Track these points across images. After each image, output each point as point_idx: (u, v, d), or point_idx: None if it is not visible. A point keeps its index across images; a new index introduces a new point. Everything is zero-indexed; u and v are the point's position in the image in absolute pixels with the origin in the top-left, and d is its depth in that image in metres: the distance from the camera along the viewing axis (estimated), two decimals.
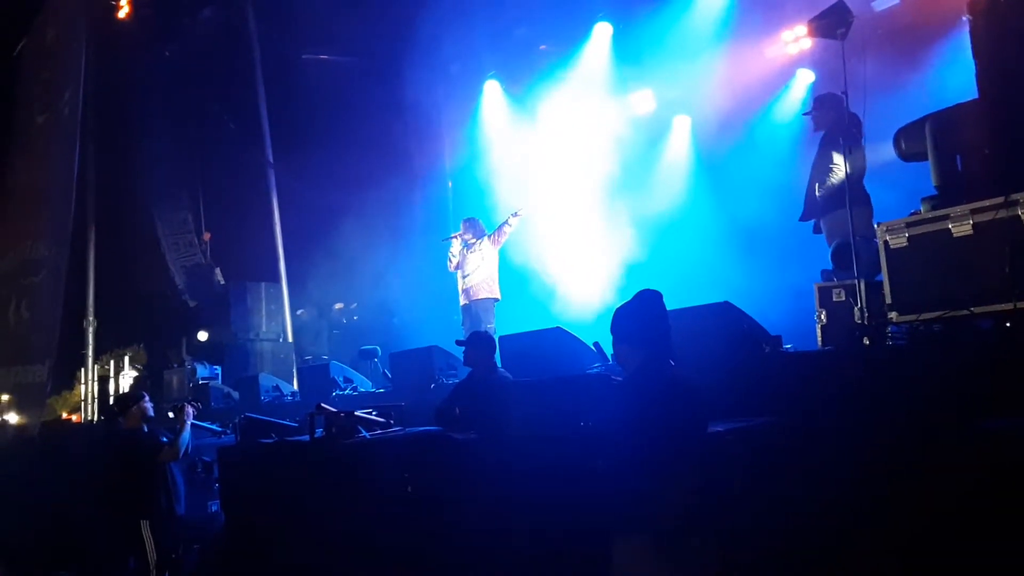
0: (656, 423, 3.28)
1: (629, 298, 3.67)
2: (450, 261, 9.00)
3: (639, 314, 3.60)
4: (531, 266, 10.59)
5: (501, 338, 6.79)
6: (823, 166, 6.45)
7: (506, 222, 8.82)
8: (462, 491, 4.63)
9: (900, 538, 3.47)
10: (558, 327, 6.53)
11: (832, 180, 6.31)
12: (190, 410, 6.75)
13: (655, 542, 3.23)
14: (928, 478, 3.45)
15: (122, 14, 12.71)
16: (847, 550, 3.56)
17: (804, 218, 6.76)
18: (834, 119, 6.29)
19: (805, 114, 6.84)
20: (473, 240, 8.91)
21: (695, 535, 3.29)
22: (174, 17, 13.10)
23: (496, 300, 8.81)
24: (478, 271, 8.76)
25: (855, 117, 5.97)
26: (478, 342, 6.04)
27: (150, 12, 12.89)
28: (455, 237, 9.00)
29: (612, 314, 3.66)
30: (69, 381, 12.39)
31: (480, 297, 8.72)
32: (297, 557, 5.72)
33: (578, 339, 6.23)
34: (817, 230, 6.77)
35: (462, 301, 8.90)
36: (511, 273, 10.62)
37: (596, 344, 5.74)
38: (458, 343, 6.34)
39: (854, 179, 5.97)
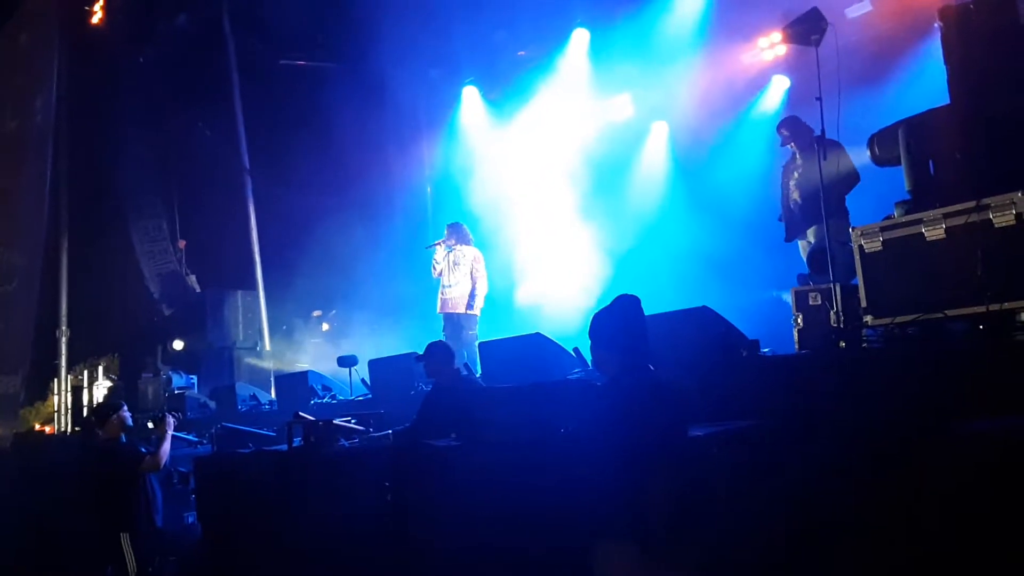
0: (638, 426, 3.29)
1: (608, 303, 3.68)
2: (434, 268, 8.92)
3: (618, 319, 3.60)
4: (510, 271, 10.59)
5: (481, 344, 6.78)
6: (807, 180, 6.55)
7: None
8: (443, 499, 4.60)
9: (878, 539, 3.49)
10: (538, 333, 6.53)
11: (816, 191, 6.40)
12: (171, 420, 6.66)
13: (639, 546, 3.23)
14: (904, 480, 3.48)
15: (96, 19, 12.58)
16: (826, 552, 3.58)
17: (789, 232, 6.89)
18: (807, 134, 6.43)
19: (782, 146, 7.00)
20: (456, 246, 8.84)
21: (677, 538, 3.30)
22: (149, 23, 12.95)
23: (475, 316, 8.75)
24: (459, 285, 8.71)
25: (810, 128, 6.10)
26: (435, 353, 5.89)
27: (124, 17, 12.75)
28: (439, 244, 8.94)
29: (590, 319, 3.66)
30: (42, 392, 12.19)
31: (459, 311, 8.67)
32: (275, 569, 5.66)
33: (558, 344, 6.23)
34: (790, 238, 6.88)
35: (442, 309, 8.83)
36: (490, 279, 10.63)
37: (576, 349, 5.74)
38: (417, 359, 6.09)
39: (832, 187, 6.07)
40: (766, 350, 5.21)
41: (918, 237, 4.49)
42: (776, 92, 9.44)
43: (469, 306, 8.65)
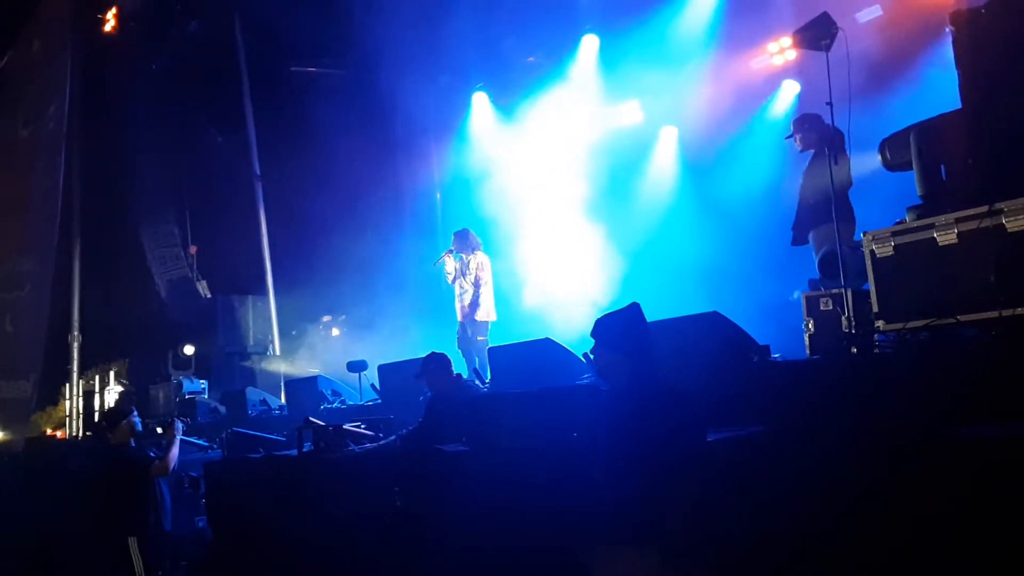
0: (658, 431, 3.27)
1: (615, 307, 3.67)
2: (448, 276, 9.01)
3: (629, 323, 3.58)
4: (519, 276, 10.59)
5: (491, 349, 6.77)
6: (813, 182, 6.51)
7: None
8: (453, 503, 4.60)
9: (887, 544, 3.47)
10: (547, 338, 6.52)
11: (822, 194, 6.36)
12: (179, 425, 6.69)
13: (655, 551, 3.23)
14: (915, 485, 3.46)
15: (108, 27, 12.68)
16: (835, 557, 3.56)
17: (796, 236, 6.84)
18: (818, 136, 6.37)
19: (787, 138, 6.93)
20: (464, 254, 8.88)
21: (693, 542, 3.29)
22: (161, 30, 13.04)
23: (486, 323, 8.77)
24: (468, 293, 8.77)
25: (839, 131, 6.03)
26: (431, 364, 5.90)
27: (137, 25, 12.85)
28: (447, 255, 8.98)
29: (595, 322, 3.63)
30: (54, 396, 12.26)
31: (469, 318, 8.72)
32: (285, 572, 5.67)
33: (568, 350, 6.22)
34: (796, 242, 6.84)
35: (459, 317, 8.88)
36: (500, 285, 10.62)
37: (586, 355, 5.73)
38: (416, 377, 6.04)
39: (840, 191, 6.02)
40: (776, 355, 5.18)
41: (930, 242, 4.46)
42: (786, 97, 9.42)
43: (475, 313, 8.68)
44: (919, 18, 7.85)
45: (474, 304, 8.70)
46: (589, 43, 10.83)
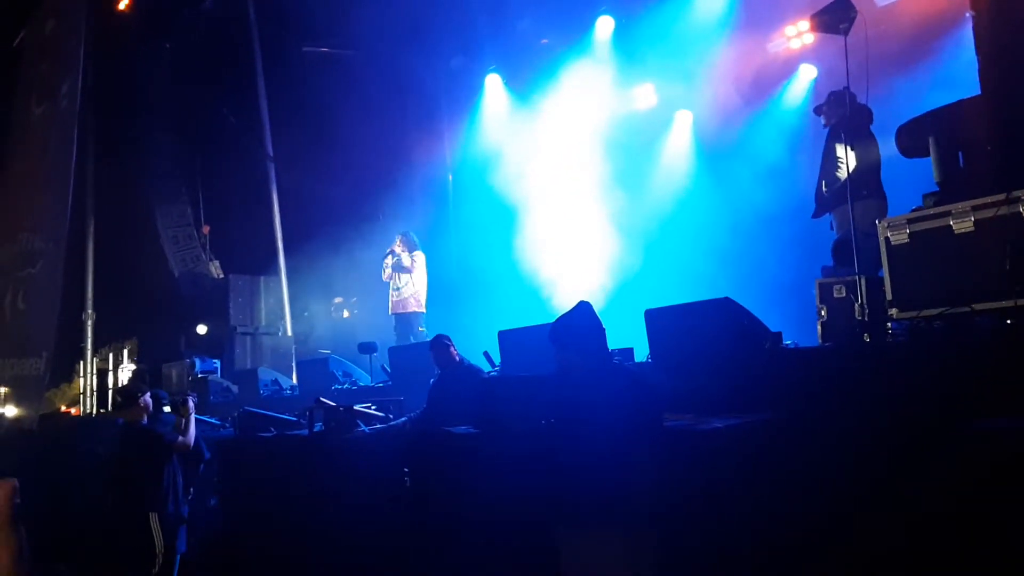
0: (614, 416, 3.45)
1: (569, 309, 3.88)
2: (383, 271, 10.03)
3: (579, 321, 3.79)
4: (530, 261, 10.58)
5: (501, 332, 6.79)
6: (829, 162, 6.45)
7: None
8: (461, 484, 4.63)
9: (897, 534, 3.46)
10: None
11: (838, 175, 6.30)
12: (192, 403, 6.73)
13: (623, 532, 3.35)
14: (927, 475, 3.44)
15: (122, 5, 12.67)
16: (844, 545, 3.56)
17: (817, 215, 6.75)
18: (840, 115, 6.29)
19: (816, 109, 6.83)
20: (401, 252, 9.88)
21: (686, 528, 3.33)
22: (174, 9, 13.03)
23: (422, 313, 9.90)
24: (406, 287, 9.86)
25: (865, 109, 5.94)
26: (435, 342, 6.61)
27: (150, 4, 12.84)
28: (390, 253, 10.00)
29: (553, 326, 3.83)
30: (68, 374, 12.37)
31: (408, 311, 9.79)
32: (295, 551, 5.73)
33: None
34: (816, 214, 6.78)
35: (390, 310, 9.93)
36: (510, 266, 10.63)
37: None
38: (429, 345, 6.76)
39: (862, 173, 5.96)
40: (789, 342, 5.17)
41: (946, 229, 4.42)
42: (803, 81, 9.32)
43: None
44: (939, 2, 7.73)
45: (408, 300, 9.89)
46: (604, 25, 10.73)
